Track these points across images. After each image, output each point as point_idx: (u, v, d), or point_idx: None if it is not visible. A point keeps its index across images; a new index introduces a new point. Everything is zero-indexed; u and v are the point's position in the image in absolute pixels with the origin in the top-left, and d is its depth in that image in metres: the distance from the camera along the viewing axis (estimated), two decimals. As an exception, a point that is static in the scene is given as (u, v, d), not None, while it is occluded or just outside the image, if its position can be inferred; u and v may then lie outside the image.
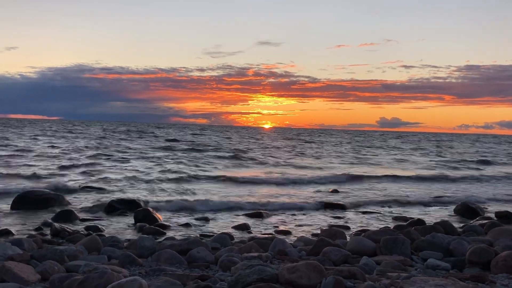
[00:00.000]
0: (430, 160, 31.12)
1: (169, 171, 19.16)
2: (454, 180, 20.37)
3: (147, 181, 16.23)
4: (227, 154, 29.27)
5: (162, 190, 14.59)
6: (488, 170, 25.19)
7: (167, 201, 12.43)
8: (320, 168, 23.08)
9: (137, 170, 19.20)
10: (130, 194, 13.24)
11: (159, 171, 18.98)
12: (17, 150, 26.61)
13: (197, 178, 17.66)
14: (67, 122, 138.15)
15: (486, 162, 30.73)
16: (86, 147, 31.79)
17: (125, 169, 19.78)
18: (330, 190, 15.69)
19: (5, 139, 37.13)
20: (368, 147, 47.69)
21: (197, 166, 21.96)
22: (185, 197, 13.27)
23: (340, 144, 52.15)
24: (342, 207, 12.55)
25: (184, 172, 18.78)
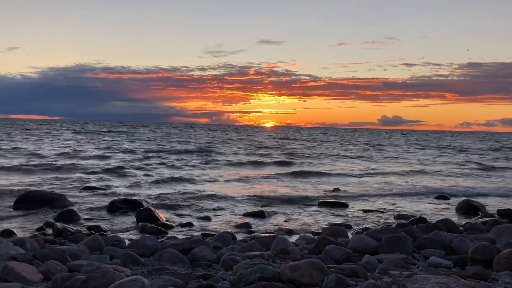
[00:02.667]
0: None
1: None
2: None
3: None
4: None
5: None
6: None
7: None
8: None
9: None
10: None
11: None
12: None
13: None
14: (70, 122, 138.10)
15: None
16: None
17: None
18: (331, 189, 15.68)
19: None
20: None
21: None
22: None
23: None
24: (343, 206, 12.55)
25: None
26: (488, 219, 9.94)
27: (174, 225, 9.74)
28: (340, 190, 15.48)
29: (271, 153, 32.49)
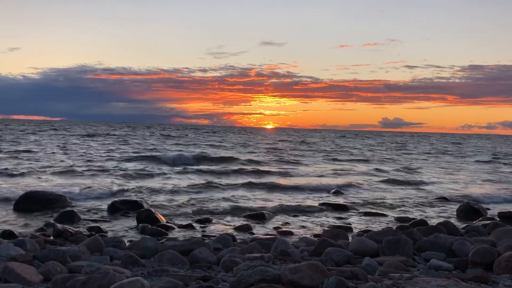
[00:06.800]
0: None
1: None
2: None
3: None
4: None
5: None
6: None
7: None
8: None
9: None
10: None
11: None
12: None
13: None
14: (71, 123, 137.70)
15: None
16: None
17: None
18: (333, 191, 15.67)
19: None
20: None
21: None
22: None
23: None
24: (344, 208, 12.53)
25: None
26: (489, 221, 9.94)
27: (174, 226, 9.73)
28: (341, 192, 15.47)
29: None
